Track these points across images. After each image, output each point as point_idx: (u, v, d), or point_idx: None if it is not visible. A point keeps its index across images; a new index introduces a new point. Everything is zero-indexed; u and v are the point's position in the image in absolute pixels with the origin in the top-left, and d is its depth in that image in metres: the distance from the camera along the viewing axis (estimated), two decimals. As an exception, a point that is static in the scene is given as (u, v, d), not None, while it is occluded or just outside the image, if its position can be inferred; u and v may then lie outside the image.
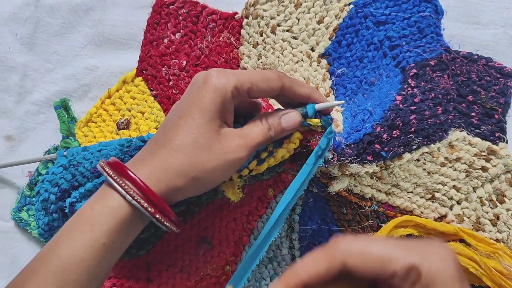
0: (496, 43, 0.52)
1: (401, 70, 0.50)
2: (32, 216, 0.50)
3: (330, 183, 0.44)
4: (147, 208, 0.32)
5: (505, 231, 0.46)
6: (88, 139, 0.51)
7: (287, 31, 0.52)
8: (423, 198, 0.47)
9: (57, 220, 0.43)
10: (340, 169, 0.42)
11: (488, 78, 0.48)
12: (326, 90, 0.51)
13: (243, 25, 0.53)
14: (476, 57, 0.49)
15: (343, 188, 0.44)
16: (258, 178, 0.45)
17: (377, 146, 0.43)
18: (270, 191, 0.46)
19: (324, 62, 0.52)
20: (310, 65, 0.52)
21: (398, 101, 0.47)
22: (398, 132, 0.44)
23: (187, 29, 0.53)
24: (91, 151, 0.43)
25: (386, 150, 0.43)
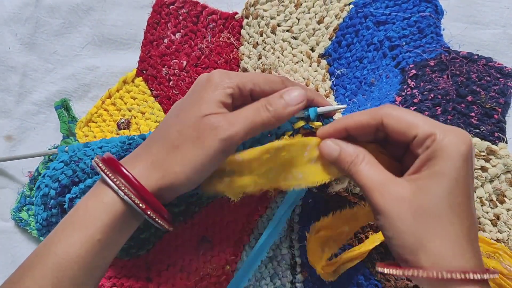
0: (496, 43, 0.52)
1: (400, 71, 0.50)
2: (32, 216, 0.50)
3: (330, 183, 0.44)
4: (139, 204, 0.32)
5: (505, 231, 0.46)
6: (89, 139, 0.51)
7: (287, 31, 0.52)
8: (423, 198, 0.47)
9: (55, 215, 0.43)
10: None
11: (488, 78, 0.48)
12: (326, 91, 0.51)
13: (243, 25, 0.53)
14: (476, 57, 0.49)
15: (343, 189, 0.44)
16: None
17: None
18: (270, 190, 0.46)
19: (324, 62, 0.52)
20: (310, 65, 0.52)
21: (398, 101, 0.47)
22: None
23: (187, 29, 0.53)
24: (92, 147, 0.43)
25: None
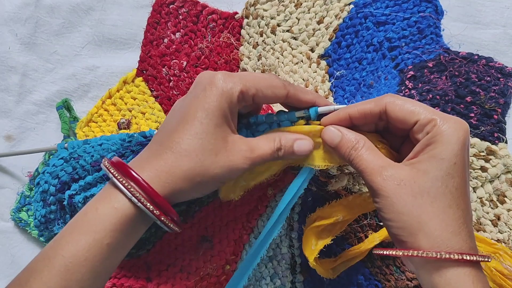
0: (496, 43, 0.52)
1: (399, 72, 0.50)
2: (32, 217, 0.50)
3: (329, 181, 0.44)
4: (153, 211, 0.32)
5: (506, 232, 0.46)
6: (89, 139, 0.51)
7: (287, 31, 0.52)
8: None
9: (54, 212, 0.43)
10: (339, 167, 0.42)
11: (488, 79, 0.48)
12: (325, 92, 0.51)
13: (243, 25, 0.53)
14: (476, 57, 0.49)
15: (342, 187, 0.44)
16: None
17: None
18: (269, 189, 0.46)
19: (323, 63, 0.52)
20: (310, 66, 0.52)
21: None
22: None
23: (187, 28, 0.53)
24: (92, 144, 0.43)
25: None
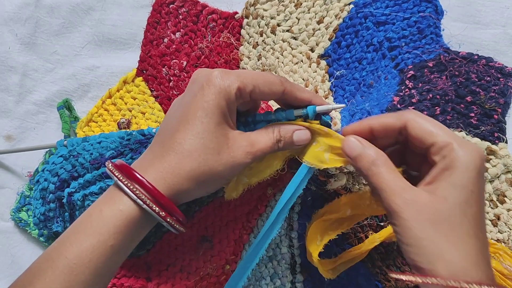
0: (496, 43, 0.52)
1: (399, 72, 0.50)
2: (32, 217, 0.50)
3: (329, 180, 0.44)
4: (159, 213, 0.32)
5: (506, 232, 0.46)
6: (89, 139, 0.51)
7: (287, 31, 0.52)
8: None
9: (53, 210, 0.43)
10: (338, 167, 0.42)
11: (488, 78, 0.48)
12: (325, 92, 0.51)
13: (243, 25, 0.53)
14: (476, 57, 0.49)
15: (341, 186, 0.44)
16: None
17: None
18: (269, 189, 0.46)
19: (323, 63, 0.52)
20: (310, 66, 0.52)
21: (396, 102, 0.47)
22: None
23: (187, 28, 0.53)
24: (91, 142, 0.43)
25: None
